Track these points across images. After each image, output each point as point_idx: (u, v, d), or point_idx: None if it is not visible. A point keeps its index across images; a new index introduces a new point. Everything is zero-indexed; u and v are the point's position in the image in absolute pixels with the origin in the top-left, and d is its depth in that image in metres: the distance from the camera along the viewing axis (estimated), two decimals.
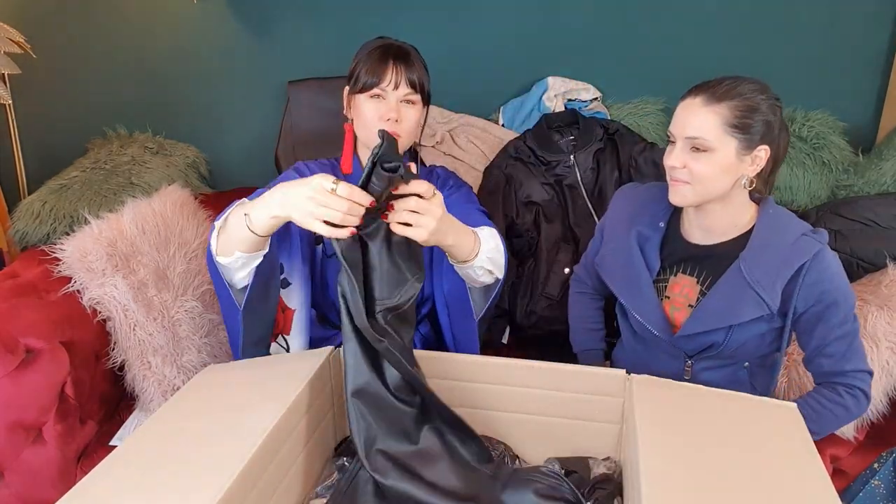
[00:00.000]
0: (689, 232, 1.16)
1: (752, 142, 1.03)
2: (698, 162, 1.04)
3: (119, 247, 1.38)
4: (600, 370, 0.95)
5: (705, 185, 1.05)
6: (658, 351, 1.20)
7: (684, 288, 1.14)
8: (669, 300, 1.16)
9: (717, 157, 1.03)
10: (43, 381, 1.22)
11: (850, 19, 1.87)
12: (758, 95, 1.03)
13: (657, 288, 1.16)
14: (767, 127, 1.03)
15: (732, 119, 1.01)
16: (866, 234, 1.51)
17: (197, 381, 0.97)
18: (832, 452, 1.34)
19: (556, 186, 1.76)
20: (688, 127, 1.04)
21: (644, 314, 1.16)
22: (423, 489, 0.86)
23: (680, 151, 1.06)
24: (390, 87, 1.16)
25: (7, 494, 1.22)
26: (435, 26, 2.01)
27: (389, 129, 1.17)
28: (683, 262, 1.15)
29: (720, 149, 1.02)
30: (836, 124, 1.87)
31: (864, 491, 1.17)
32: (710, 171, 1.03)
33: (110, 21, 2.07)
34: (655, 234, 1.17)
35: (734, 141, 1.02)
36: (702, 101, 1.03)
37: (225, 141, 2.18)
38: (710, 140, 1.02)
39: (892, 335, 1.33)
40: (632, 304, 1.18)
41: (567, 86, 1.95)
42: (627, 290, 1.19)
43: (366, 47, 1.21)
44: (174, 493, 0.69)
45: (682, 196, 1.08)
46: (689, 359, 1.16)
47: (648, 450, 0.76)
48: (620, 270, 1.20)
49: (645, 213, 1.19)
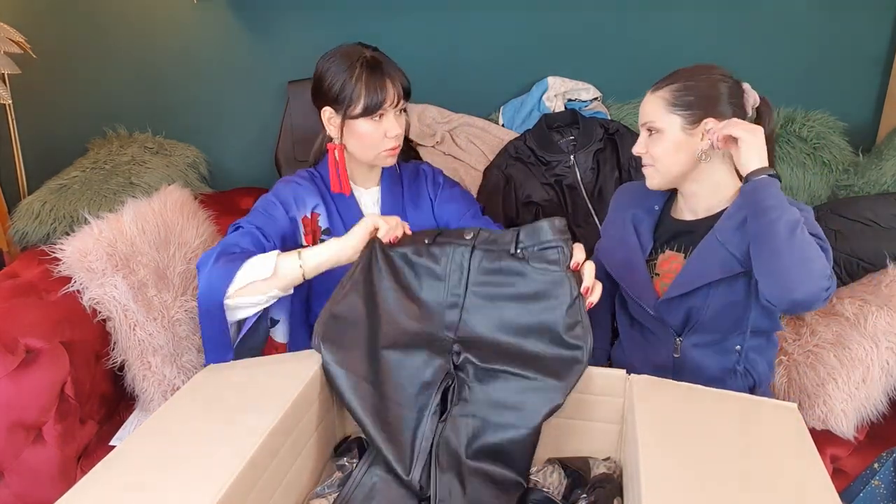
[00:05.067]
0: (678, 212, 1.23)
1: (696, 116, 1.10)
2: (654, 145, 1.14)
3: (119, 247, 1.38)
4: (600, 370, 0.95)
5: (665, 164, 1.13)
6: (650, 335, 1.23)
7: (672, 263, 1.19)
8: (659, 277, 1.20)
9: (667, 136, 1.12)
10: (43, 381, 1.22)
11: (850, 19, 1.87)
12: (698, 75, 1.11)
13: (649, 266, 1.22)
14: (708, 100, 1.10)
15: (672, 98, 1.11)
16: (866, 234, 1.50)
17: (197, 381, 0.97)
18: (832, 452, 1.34)
19: (556, 186, 1.76)
20: (642, 115, 1.15)
21: (636, 291, 1.21)
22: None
23: (641, 139, 1.17)
24: (391, 105, 1.14)
25: (7, 494, 1.22)
26: (435, 26, 2.01)
27: (395, 145, 1.18)
28: (672, 240, 1.21)
29: (667, 128, 1.11)
30: (836, 124, 1.87)
31: (864, 491, 1.17)
32: (664, 150, 1.12)
33: (110, 21, 2.07)
34: (649, 216, 1.25)
35: (678, 118, 1.11)
36: (651, 90, 1.15)
37: (225, 141, 2.18)
38: (656, 122, 1.12)
39: (892, 335, 1.33)
40: (626, 282, 1.23)
41: (567, 86, 1.95)
42: (623, 269, 1.24)
43: (337, 65, 1.14)
44: (174, 493, 0.69)
45: (650, 179, 1.17)
46: (677, 337, 1.18)
47: (648, 450, 0.76)
48: (618, 254, 1.25)
49: (642, 200, 1.26)
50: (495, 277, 0.96)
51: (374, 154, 1.18)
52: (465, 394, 0.91)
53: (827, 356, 1.37)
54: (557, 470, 0.95)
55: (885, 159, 1.75)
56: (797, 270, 0.96)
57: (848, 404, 1.34)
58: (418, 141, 1.93)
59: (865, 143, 1.91)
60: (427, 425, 0.90)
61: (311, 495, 0.91)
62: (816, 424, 1.37)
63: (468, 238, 0.97)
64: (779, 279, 0.98)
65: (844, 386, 1.34)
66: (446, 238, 0.99)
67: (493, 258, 0.96)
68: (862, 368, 1.33)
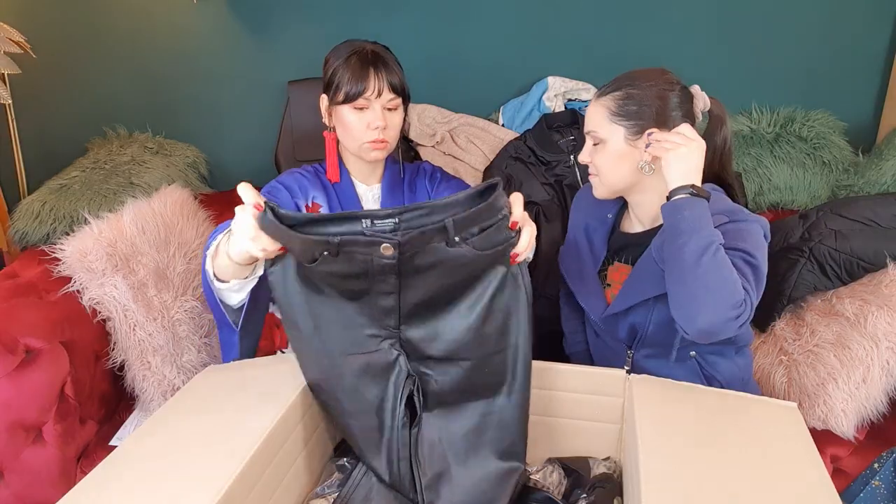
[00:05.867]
0: (629, 222, 1.20)
1: (639, 127, 1.05)
2: (598, 155, 1.10)
3: (119, 247, 1.38)
4: (600, 370, 0.95)
5: (607, 176, 1.10)
6: (605, 345, 1.23)
7: (621, 275, 1.17)
8: (610, 287, 1.19)
9: (609, 146, 1.07)
10: (43, 381, 1.22)
11: (850, 19, 1.87)
12: (643, 82, 1.06)
13: (601, 277, 1.20)
14: (652, 110, 1.05)
15: (615, 108, 1.06)
16: (866, 234, 1.50)
17: (197, 382, 0.97)
18: (832, 452, 1.34)
19: (556, 186, 1.76)
20: (586, 122, 1.10)
21: (587, 301, 1.20)
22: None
23: (586, 148, 1.12)
24: (373, 96, 1.14)
25: (7, 494, 1.22)
26: (435, 26, 2.01)
27: (377, 138, 1.16)
28: (621, 251, 1.19)
29: (609, 138, 1.07)
30: (836, 124, 1.87)
31: (864, 491, 1.17)
32: (606, 161, 1.08)
33: (110, 21, 2.06)
34: (602, 225, 1.22)
35: (620, 129, 1.06)
36: (595, 97, 1.10)
37: (225, 141, 2.18)
38: (599, 131, 1.08)
39: (892, 335, 1.32)
40: (579, 292, 1.22)
41: (567, 86, 1.95)
42: (577, 279, 1.23)
43: (338, 54, 1.18)
44: (174, 493, 0.69)
45: (596, 189, 1.14)
46: (629, 349, 1.17)
47: (648, 450, 0.76)
48: (574, 263, 1.24)
49: (596, 208, 1.23)
50: (431, 273, 0.81)
51: (358, 145, 1.19)
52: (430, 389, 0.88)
53: (827, 356, 1.37)
54: (557, 470, 0.95)
55: (885, 159, 1.75)
56: (700, 298, 0.92)
57: (848, 404, 1.34)
58: (418, 141, 1.93)
59: (865, 143, 1.91)
60: (399, 440, 0.87)
61: (311, 495, 0.91)
62: (816, 424, 1.37)
63: (390, 233, 0.76)
64: (682, 306, 0.95)
65: (844, 386, 1.34)
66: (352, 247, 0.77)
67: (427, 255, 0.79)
68: (862, 368, 1.33)
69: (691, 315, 0.93)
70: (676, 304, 0.96)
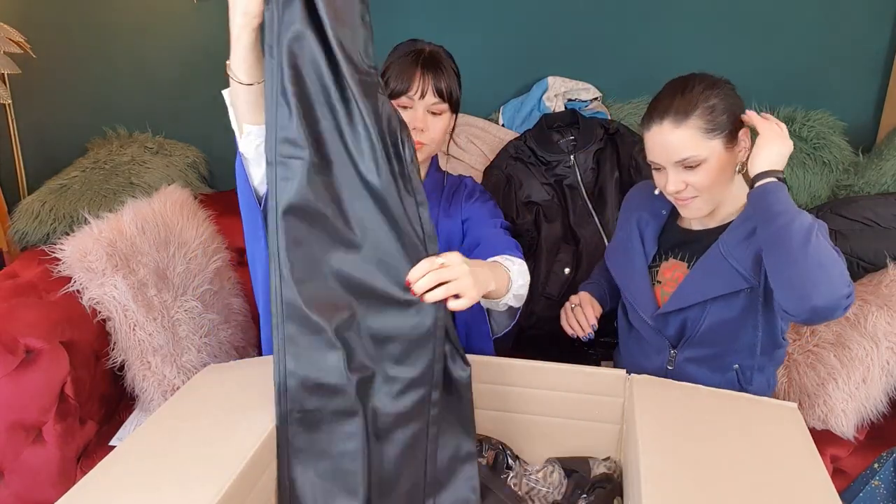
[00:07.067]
0: (686, 220, 1.18)
1: (732, 133, 1.06)
2: (697, 175, 1.05)
3: (119, 247, 1.38)
4: (600, 370, 0.95)
5: (712, 191, 1.07)
6: (646, 344, 1.21)
7: (675, 272, 1.16)
8: (661, 284, 1.17)
9: (712, 162, 1.05)
10: (43, 381, 1.22)
11: (850, 19, 1.87)
12: (709, 90, 1.05)
13: (651, 272, 1.19)
14: (734, 112, 1.06)
15: (705, 125, 1.03)
16: (866, 234, 1.51)
17: (197, 381, 0.97)
18: (832, 452, 1.34)
19: (556, 186, 1.76)
20: (672, 153, 1.05)
21: (635, 296, 1.18)
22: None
23: (675, 176, 1.07)
24: (417, 96, 1.13)
25: (7, 494, 1.22)
26: (434, 26, 2.01)
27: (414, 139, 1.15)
28: (676, 248, 1.18)
29: (710, 155, 1.04)
30: (836, 124, 1.87)
31: (864, 491, 1.17)
32: (711, 177, 1.05)
33: (110, 21, 2.06)
34: (655, 220, 1.21)
35: (718, 142, 1.04)
36: (671, 125, 1.04)
37: (225, 141, 2.16)
38: (698, 153, 1.04)
39: (892, 335, 1.33)
40: (626, 287, 1.20)
41: (567, 86, 1.95)
42: (624, 273, 1.21)
43: (398, 51, 1.18)
44: (174, 493, 0.69)
45: (697, 210, 1.10)
46: (672, 349, 1.16)
47: (648, 450, 0.76)
48: (621, 257, 1.23)
49: (651, 202, 1.22)
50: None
51: None
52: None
53: (827, 356, 1.37)
54: (557, 470, 0.95)
55: (885, 159, 1.75)
56: (815, 276, 0.90)
57: (848, 404, 1.34)
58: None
59: (865, 143, 1.91)
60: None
61: None
62: (816, 424, 1.37)
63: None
64: (796, 286, 0.92)
65: (844, 386, 1.34)
66: None
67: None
68: (862, 368, 1.33)
69: (806, 294, 0.90)
70: (788, 285, 0.93)
